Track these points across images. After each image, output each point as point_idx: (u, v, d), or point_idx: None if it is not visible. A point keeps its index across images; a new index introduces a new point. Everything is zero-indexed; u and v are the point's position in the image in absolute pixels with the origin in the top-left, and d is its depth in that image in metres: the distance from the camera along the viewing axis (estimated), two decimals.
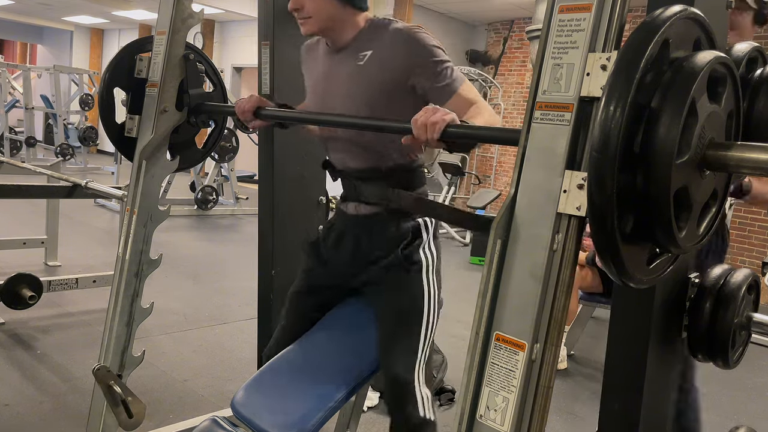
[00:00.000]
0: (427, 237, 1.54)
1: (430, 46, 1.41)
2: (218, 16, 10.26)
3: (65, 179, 3.41)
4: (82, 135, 9.79)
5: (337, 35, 1.51)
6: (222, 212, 7.34)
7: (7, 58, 15.38)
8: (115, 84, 1.89)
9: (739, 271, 1.22)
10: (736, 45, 1.19)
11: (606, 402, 1.32)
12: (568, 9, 0.93)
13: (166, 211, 1.89)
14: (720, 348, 1.18)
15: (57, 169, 3.98)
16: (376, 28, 1.49)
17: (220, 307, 3.90)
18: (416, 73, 1.41)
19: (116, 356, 1.82)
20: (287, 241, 2.10)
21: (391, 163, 1.52)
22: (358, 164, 1.55)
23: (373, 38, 1.48)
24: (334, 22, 1.48)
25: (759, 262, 6.08)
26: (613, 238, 0.83)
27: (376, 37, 1.47)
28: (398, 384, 1.44)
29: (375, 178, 1.53)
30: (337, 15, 1.47)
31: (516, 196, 0.97)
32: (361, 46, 1.48)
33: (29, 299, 2.98)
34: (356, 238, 1.57)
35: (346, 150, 1.56)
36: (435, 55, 1.41)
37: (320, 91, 1.58)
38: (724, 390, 3.22)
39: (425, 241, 1.54)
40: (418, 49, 1.41)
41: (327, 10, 1.46)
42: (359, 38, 1.50)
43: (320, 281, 1.65)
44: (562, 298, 0.93)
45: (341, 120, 1.53)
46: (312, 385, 1.46)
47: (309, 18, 1.46)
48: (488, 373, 0.96)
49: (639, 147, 0.83)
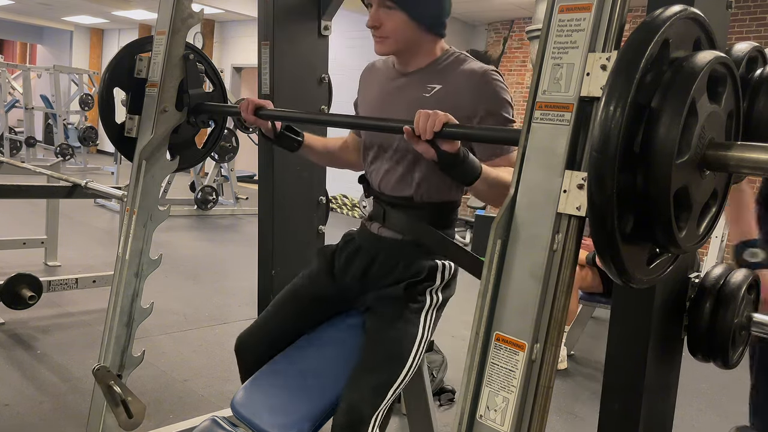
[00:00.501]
0: (441, 282, 1.50)
1: (503, 100, 1.38)
2: (218, 16, 10.26)
3: (65, 179, 3.41)
4: (82, 135, 9.78)
5: (411, 58, 1.46)
6: (222, 212, 7.34)
7: (7, 58, 15.38)
8: (115, 84, 1.89)
9: (739, 271, 1.22)
10: (736, 45, 1.19)
11: (606, 402, 1.32)
12: (568, 9, 0.93)
13: (166, 211, 1.89)
14: (720, 348, 1.18)
15: (57, 169, 3.98)
16: (451, 61, 1.44)
17: (220, 307, 3.90)
18: (481, 120, 1.37)
19: (116, 356, 1.82)
20: (287, 241, 2.10)
21: (427, 197, 1.48)
22: (395, 190, 1.51)
23: (446, 71, 1.43)
24: (410, 45, 1.43)
25: None
26: (613, 238, 0.83)
27: (449, 72, 1.42)
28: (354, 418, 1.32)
29: (408, 206, 1.49)
30: (416, 39, 1.43)
31: (516, 196, 0.96)
32: (432, 78, 1.43)
33: (29, 299, 2.98)
34: (371, 258, 1.54)
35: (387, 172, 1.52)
36: (506, 111, 1.38)
37: (377, 110, 1.53)
38: (724, 390, 3.22)
39: (437, 284, 1.50)
40: (491, 98, 1.37)
41: (406, 32, 1.41)
42: (431, 67, 1.45)
43: (321, 289, 1.61)
44: (562, 298, 0.93)
45: (341, 120, 1.53)
46: (312, 385, 1.46)
47: (387, 38, 1.42)
48: (488, 373, 0.96)
49: (639, 147, 0.83)
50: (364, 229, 1.60)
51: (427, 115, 1.16)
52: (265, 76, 2.00)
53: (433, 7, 1.42)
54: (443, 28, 1.45)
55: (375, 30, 1.42)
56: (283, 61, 1.99)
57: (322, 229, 2.18)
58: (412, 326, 1.44)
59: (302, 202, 2.13)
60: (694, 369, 2.52)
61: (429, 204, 1.49)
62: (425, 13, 1.41)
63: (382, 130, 1.37)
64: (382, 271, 1.51)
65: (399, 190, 1.50)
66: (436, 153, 1.18)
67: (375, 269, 1.53)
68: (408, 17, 1.39)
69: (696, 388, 3.16)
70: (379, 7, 1.39)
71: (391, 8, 1.38)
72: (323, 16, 2.08)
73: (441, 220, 1.51)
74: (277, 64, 1.98)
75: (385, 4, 1.39)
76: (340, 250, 1.61)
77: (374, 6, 1.40)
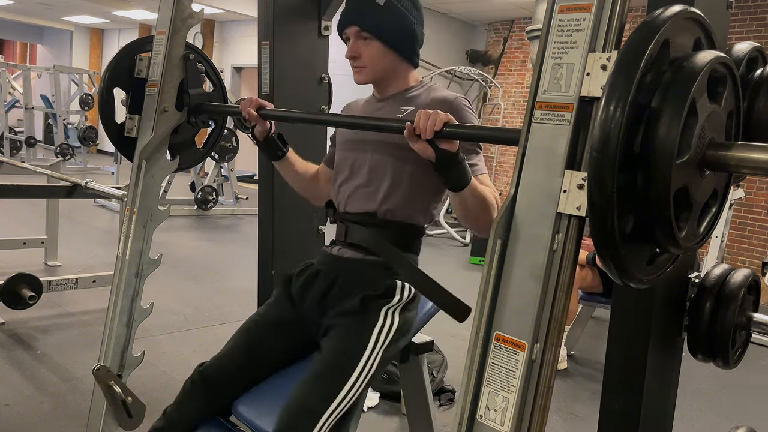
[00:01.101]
0: (398, 302, 1.44)
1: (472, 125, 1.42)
2: (218, 16, 10.26)
3: (65, 179, 3.41)
4: (82, 135, 9.79)
5: (388, 86, 1.55)
6: (222, 212, 7.34)
7: (7, 58, 15.38)
8: (115, 84, 1.89)
9: (739, 271, 1.22)
10: (736, 45, 1.19)
11: (606, 402, 1.32)
12: (568, 9, 0.93)
13: (166, 211, 1.89)
14: (720, 348, 1.19)
15: (57, 169, 3.98)
16: (424, 89, 1.53)
17: (220, 307, 3.90)
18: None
19: (116, 356, 1.82)
20: (287, 241, 2.10)
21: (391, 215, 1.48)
22: (359, 207, 1.51)
23: (419, 97, 1.51)
24: (387, 73, 1.52)
25: (759, 262, 6.08)
26: (613, 238, 0.83)
27: (422, 97, 1.51)
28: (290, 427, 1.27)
29: (371, 224, 1.48)
30: (392, 67, 1.51)
31: (516, 196, 0.96)
32: (406, 102, 1.51)
33: (29, 299, 2.98)
34: (331, 281, 1.49)
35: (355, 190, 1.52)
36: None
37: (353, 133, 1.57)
38: (724, 390, 3.22)
39: (394, 304, 1.44)
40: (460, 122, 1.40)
41: (383, 62, 1.50)
42: (406, 93, 1.53)
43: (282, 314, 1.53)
44: (562, 298, 0.93)
45: (341, 120, 1.54)
46: None
47: (365, 67, 1.50)
48: (488, 373, 0.96)
49: (639, 147, 0.83)
50: (324, 253, 1.57)
51: (427, 115, 1.17)
52: (265, 76, 2.00)
53: (407, 36, 1.50)
54: (417, 57, 1.55)
55: (354, 60, 1.50)
56: (283, 61, 1.99)
57: (322, 229, 2.18)
58: (360, 340, 1.38)
59: (302, 202, 2.13)
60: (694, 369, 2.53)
61: (393, 223, 1.48)
62: (400, 42, 1.50)
63: (381, 130, 1.38)
64: (342, 292, 1.46)
65: (364, 206, 1.50)
66: (434, 152, 1.19)
67: (335, 291, 1.47)
68: (384, 46, 1.48)
69: (696, 388, 3.16)
70: (356, 39, 1.49)
71: (367, 39, 1.48)
72: (323, 16, 2.08)
73: (404, 241, 1.49)
74: (277, 64, 1.98)
75: (361, 36, 1.48)
76: (297, 274, 1.57)
77: (352, 38, 1.50)
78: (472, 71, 8.41)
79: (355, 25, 1.48)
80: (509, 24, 8.72)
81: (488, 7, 8.09)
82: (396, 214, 1.48)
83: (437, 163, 1.21)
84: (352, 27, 1.49)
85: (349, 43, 1.51)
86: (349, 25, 1.49)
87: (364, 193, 1.51)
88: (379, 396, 2.67)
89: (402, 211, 1.48)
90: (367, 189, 1.50)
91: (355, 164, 1.54)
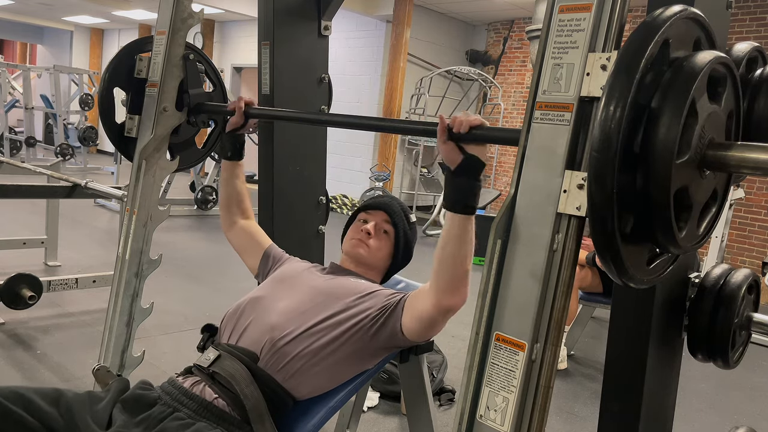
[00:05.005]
0: None
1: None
2: (218, 16, 10.26)
3: (65, 179, 3.41)
4: (82, 135, 9.79)
5: (364, 271, 1.58)
6: None
7: (7, 58, 15.39)
8: (115, 84, 1.89)
9: (739, 271, 1.22)
10: (736, 45, 1.19)
11: (606, 402, 1.32)
12: (568, 9, 0.93)
13: (166, 211, 1.89)
14: (720, 348, 1.19)
15: (57, 169, 3.98)
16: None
17: (220, 307, 3.89)
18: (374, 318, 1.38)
19: (116, 356, 1.82)
20: (287, 241, 2.10)
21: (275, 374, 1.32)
22: (247, 343, 1.37)
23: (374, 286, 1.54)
24: (370, 266, 1.58)
25: (759, 262, 6.08)
26: (613, 238, 0.83)
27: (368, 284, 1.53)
28: None
29: (248, 364, 1.32)
30: (381, 266, 1.60)
31: (516, 196, 0.97)
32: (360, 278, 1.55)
33: (29, 299, 2.97)
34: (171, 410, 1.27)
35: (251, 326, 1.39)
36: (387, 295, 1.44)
37: (288, 277, 1.55)
38: (724, 390, 3.22)
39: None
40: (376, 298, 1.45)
41: (381, 258, 1.58)
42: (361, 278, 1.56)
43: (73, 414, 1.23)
44: (562, 298, 0.93)
45: (341, 120, 1.53)
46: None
47: (369, 248, 1.56)
48: (488, 373, 0.96)
49: (639, 147, 0.83)
50: (171, 381, 1.37)
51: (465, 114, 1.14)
52: (265, 76, 2.00)
53: (408, 257, 1.64)
54: (393, 274, 1.66)
55: (366, 236, 1.57)
56: (283, 61, 1.99)
57: (322, 229, 2.18)
58: None
59: (302, 202, 2.13)
60: (694, 369, 2.53)
61: (269, 378, 1.31)
62: (404, 255, 1.62)
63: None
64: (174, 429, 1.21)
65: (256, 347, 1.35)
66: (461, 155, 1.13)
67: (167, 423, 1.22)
68: (392, 248, 1.59)
69: (696, 388, 3.16)
70: (380, 223, 1.58)
71: (387, 232, 1.59)
72: (323, 16, 2.08)
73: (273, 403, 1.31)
74: (277, 64, 1.98)
75: (384, 225, 1.58)
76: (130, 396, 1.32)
77: (374, 221, 1.58)
78: (472, 71, 8.41)
79: (387, 213, 1.58)
80: (509, 24, 8.72)
81: (488, 7, 8.09)
82: (286, 380, 1.33)
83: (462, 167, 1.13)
84: (381, 212, 1.59)
85: (368, 223, 1.58)
86: (380, 209, 1.59)
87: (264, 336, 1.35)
88: (379, 396, 2.66)
89: (294, 383, 1.34)
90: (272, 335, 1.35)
91: (275, 303, 1.44)
